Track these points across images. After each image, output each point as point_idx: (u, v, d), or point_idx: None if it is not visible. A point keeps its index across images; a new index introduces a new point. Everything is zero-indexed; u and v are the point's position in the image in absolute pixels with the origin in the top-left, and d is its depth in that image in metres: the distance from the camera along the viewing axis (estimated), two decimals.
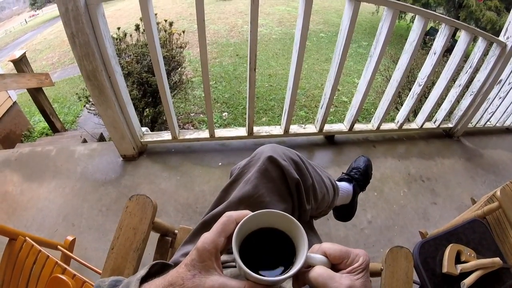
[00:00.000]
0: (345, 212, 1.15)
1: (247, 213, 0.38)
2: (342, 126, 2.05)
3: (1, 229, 1.00)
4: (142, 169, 1.83)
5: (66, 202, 1.69)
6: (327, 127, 2.00)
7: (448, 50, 1.76)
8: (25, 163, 1.97)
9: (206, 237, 0.37)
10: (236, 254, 0.35)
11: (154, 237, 0.86)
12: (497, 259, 1.07)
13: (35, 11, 27.17)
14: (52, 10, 26.33)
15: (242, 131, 1.92)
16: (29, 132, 3.99)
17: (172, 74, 3.39)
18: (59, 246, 1.21)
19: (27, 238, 1.03)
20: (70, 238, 1.33)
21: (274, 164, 0.64)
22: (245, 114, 1.84)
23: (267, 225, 0.40)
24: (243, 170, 0.67)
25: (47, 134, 3.96)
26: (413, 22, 1.68)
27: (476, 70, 1.96)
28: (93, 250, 1.47)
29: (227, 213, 0.39)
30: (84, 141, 2.89)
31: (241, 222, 0.37)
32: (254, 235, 0.39)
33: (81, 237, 1.48)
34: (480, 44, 1.82)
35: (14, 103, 3.75)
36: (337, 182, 0.97)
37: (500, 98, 2.25)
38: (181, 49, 3.42)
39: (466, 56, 1.83)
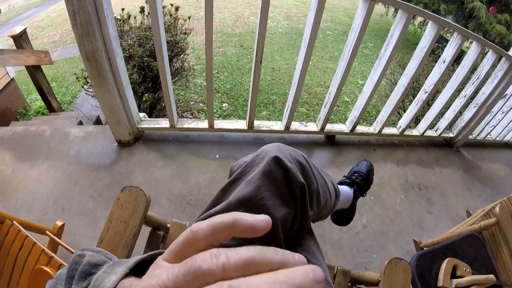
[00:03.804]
0: (344, 216, 1.12)
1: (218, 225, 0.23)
2: (344, 127, 2.02)
3: None
4: (137, 156, 1.79)
5: (58, 185, 1.65)
6: (329, 127, 1.97)
7: (455, 60, 1.74)
8: (18, 142, 1.92)
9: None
10: None
11: (145, 229, 0.83)
12: (492, 276, 1.07)
13: None
14: None
15: (242, 124, 1.88)
16: (25, 110, 3.93)
17: (174, 60, 3.31)
18: (47, 232, 1.19)
19: (14, 222, 1.00)
20: (59, 223, 1.30)
21: (279, 166, 0.59)
22: (246, 106, 1.80)
23: None
24: (245, 169, 0.62)
25: (43, 113, 3.89)
26: (421, 28, 1.65)
27: (483, 82, 1.94)
28: (82, 236, 1.44)
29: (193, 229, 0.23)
30: (80, 123, 2.83)
31: None
32: None
33: (71, 222, 1.45)
34: (490, 57, 1.80)
35: (12, 79, 3.67)
36: (338, 185, 0.94)
37: (503, 112, 2.25)
38: (186, 36, 3.33)
39: (473, 68, 1.82)
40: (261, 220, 0.23)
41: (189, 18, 3.44)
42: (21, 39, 2.91)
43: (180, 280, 0.20)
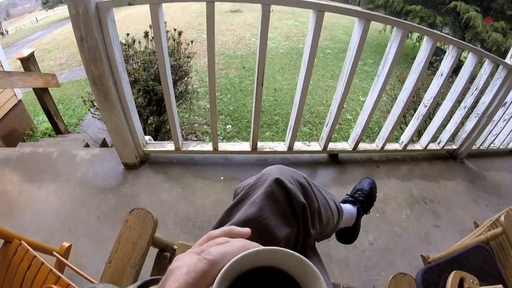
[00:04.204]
0: (348, 235, 1.12)
1: (236, 250, 0.29)
2: (346, 145, 2.03)
3: None
4: (143, 179, 1.81)
5: (64, 206, 1.67)
6: (331, 146, 1.99)
7: (454, 71, 1.76)
8: (25, 163, 1.96)
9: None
10: None
11: (152, 250, 0.84)
12: (500, 286, 1.05)
13: (47, 10, 27.50)
14: (63, 10, 26.75)
15: (246, 146, 1.91)
16: (32, 131, 3.99)
17: (178, 83, 3.39)
18: (54, 252, 1.19)
19: (22, 241, 1.01)
20: (66, 244, 1.31)
21: (281, 187, 0.62)
22: (249, 127, 1.84)
23: (266, 265, 0.29)
24: (249, 191, 0.65)
25: (49, 135, 3.96)
26: (419, 42, 1.69)
27: (482, 92, 1.95)
28: (89, 257, 1.44)
29: (209, 256, 0.28)
30: (87, 145, 2.87)
31: (225, 267, 0.26)
32: (246, 279, 0.28)
33: (77, 244, 1.46)
34: (487, 66, 1.82)
35: (19, 101, 3.75)
36: (341, 204, 0.95)
37: (504, 120, 2.25)
38: (189, 59, 3.43)
39: (472, 78, 1.83)
40: (246, 232, 0.36)
41: (191, 42, 3.55)
42: (29, 62, 2.97)
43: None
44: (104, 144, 3.30)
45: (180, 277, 0.28)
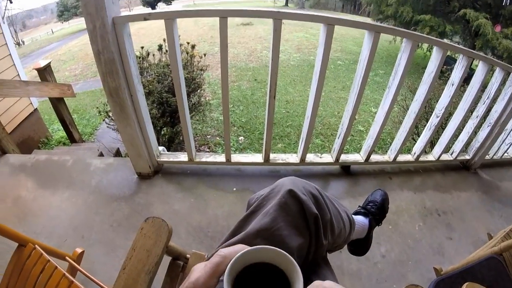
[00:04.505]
0: (360, 246, 1.12)
1: (240, 249, 0.39)
2: (359, 157, 2.02)
3: (12, 234, 1.00)
4: (157, 188, 1.84)
5: (78, 213, 1.70)
6: (343, 157, 1.98)
7: (465, 79, 1.75)
8: (41, 170, 2.01)
9: (198, 279, 0.38)
10: None
11: (165, 259, 0.85)
12: None
13: (62, 23, 28.37)
14: (78, 22, 27.61)
15: (258, 158, 1.92)
16: (47, 139, 4.10)
17: (191, 95, 3.47)
18: (67, 258, 1.21)
19: (36, 246, 1.02)
20: (79, 250, 1.33)
21: (294, 198, 0.63)
22: (261, 139, 1.86)
23: (262, 261, 0.39)
24: (262, 202, 0.67)
25: (64, 143, 4.05)
26: (429, 51, 1.69)
27: (494, 100, 1.93)
28: (101, 264, 1.46)
29: (221, 253, 0.40)
30: (101, 154, 2.92)
31: (232, 261, 0.37)
32: (248, 271, 0.39)
33: (90, 250, 1.48)
34: (498, 74, 1.81)
35: (35, 110, 3.87)
36: (353, 215, 0.95)
37: None
38: (202, 72, 3.51)
39: (483, 87, 1.81)
40: None
41: (204, 55, 3.63)
42: (45, 72, 3.05)
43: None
44: (118, 153, 3.36)
45: (202, 269, 0.39)
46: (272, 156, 1.91)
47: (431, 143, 3.09)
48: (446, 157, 2.19)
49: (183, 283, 0.39)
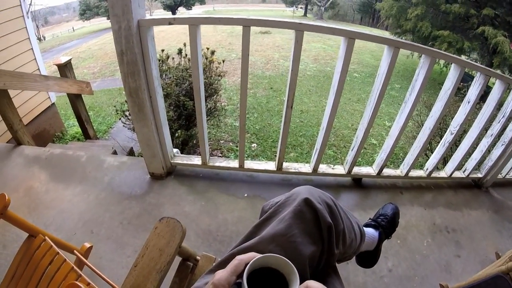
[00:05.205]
0: (368, 258, 1.11)
1: (254, 256, 0.48)
2: (371, 170, 2.01)
3: (23, 223, 1.02)
4: (169, 190, 1.86)
5: (89, 208, 1.73)
6: (356, 170, 1.98)
7: (481, 97, 1.73)
8: (54, 163, 2.05)
9: (221, 275, 0.47)
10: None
11: (175, 260, 0.87)
12: None
13: (83, 21, 29.04)
14: (99, 22, 28.24)
15: (271, 165, 1.93)
16: (61, 134, 4.19)
17: (208, 100, 3.51)
18: (75, 251, 1.22)
19: (46, 237, 1.04)
20: (87, 245, 1.35)
21: (310, 207, 0.65)
22: (274, 147, 1.87)
23: (268, 265, 0.49)
24: (278, 209, 0.68)
25: (78, 139, 4.13)
26: (446, 67, 1.68)
27: (509, 119, 1.90)
28: (108, 260, 1.48)
29: (239, 257, 0.49)
30: (115, 152, 2.96)
31: (250, 263, 0.46)
32: (257, 273, 0.48)
33: (98, 246, 1.50)
34: None
35: (52, 104, 3.96)
36: (363, 227, 0.96)
37: None
38: (219, 78, 3.55)
39: (499, 105, 1.79)
40: None
41: (223, 61, 3.67)
42: (65, 68, 3.12)
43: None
44: (131, 152, 3.41)
45: (224, 270, 0.48)
46: (285, 165, 1.92)
47: (444, 159, 3.05)
48: (458, 174, 2.16)
49: (207, 285, 0.48)
